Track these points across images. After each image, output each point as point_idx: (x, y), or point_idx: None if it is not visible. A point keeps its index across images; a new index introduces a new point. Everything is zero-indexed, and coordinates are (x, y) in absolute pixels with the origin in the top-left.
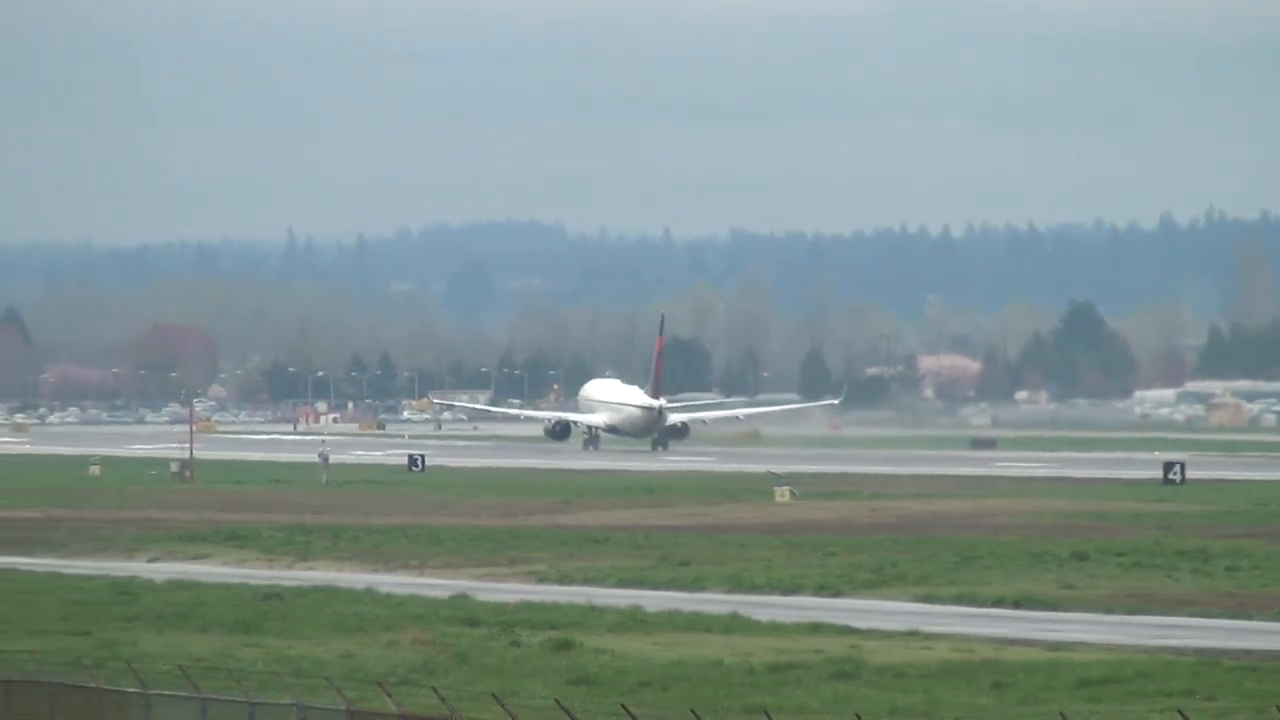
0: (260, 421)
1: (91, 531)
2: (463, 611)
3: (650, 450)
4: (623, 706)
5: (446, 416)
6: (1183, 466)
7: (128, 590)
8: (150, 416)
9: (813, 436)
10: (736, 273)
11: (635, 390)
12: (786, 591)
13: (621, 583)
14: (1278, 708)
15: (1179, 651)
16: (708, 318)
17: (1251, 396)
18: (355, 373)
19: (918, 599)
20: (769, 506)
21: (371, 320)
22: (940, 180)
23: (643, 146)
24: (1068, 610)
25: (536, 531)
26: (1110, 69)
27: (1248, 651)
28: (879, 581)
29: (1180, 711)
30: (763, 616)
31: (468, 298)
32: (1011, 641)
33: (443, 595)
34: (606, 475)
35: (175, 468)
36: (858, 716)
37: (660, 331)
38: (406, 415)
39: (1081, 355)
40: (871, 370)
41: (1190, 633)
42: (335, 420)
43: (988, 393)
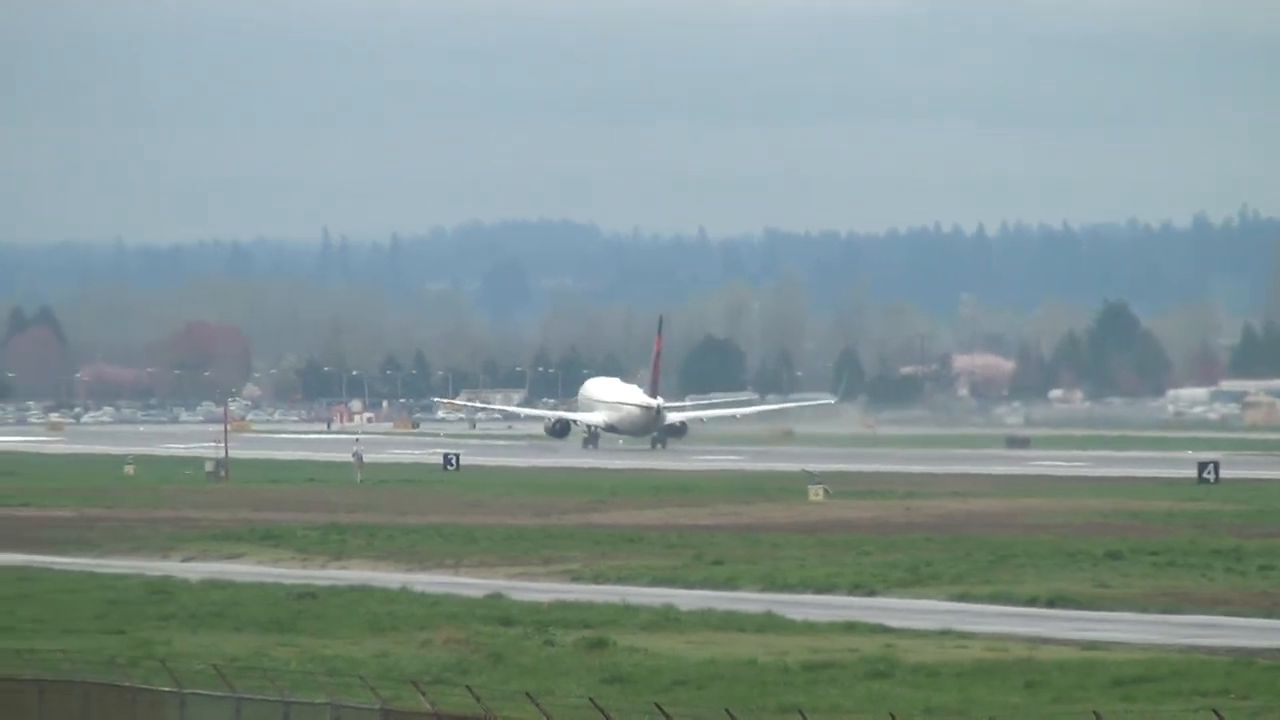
0: (294, 421)
1: (126, 531)
2: (497, 611)
3: (649, 449)
4: (657, 706)
5: (480, 416)
6: (1216, 465)
7: (162, 590)
8: (185, 416)
9: (846, 436)
10: (771, 272)
11: (634, 389)
12: (821, 590)
13: (655, 582)
14: None
15: (1213, 651)
16: (742, 317)
17: None
18: (389, 372)
19: (952, 598)
20: (803, 505)
21: (405, 319)
22: (974, 179)
23: (677, 146)
24: (1102, 609)
25: (570, 530)
26: (1145, 69)
27: None
28: (913, 580)
29: (1215, 711)
30: (797, 615)
31: (502, 297)
32: (1046, 640)
33: (477, 594)
34: (640, 474)
35: (210, 467)
36: (892, 716)
37: (659, 332)
38: (441, 414)
39: (1115, 354)
40: (906, 369)
41: (1224, 632)
42: (370, 419)
43: (1022, 392)
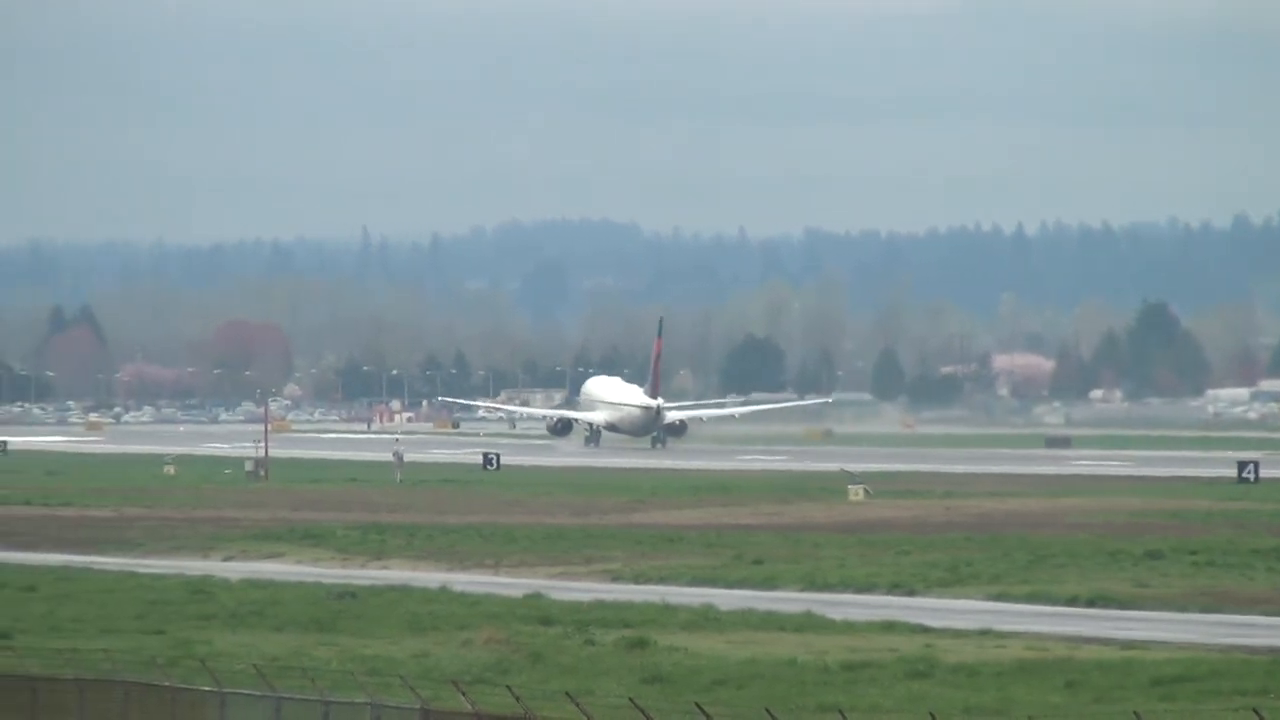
0: (335, 420)
1: (166, 530)
2: (537, 610)
3: (650, 448)
4: (697, 705)
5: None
6: (1256, 465)
7: (202, 589)
8: (225, 415)
9: (886, 435)
10: (811, 271)
11: (635, 389)
12: (860, 590)
13: (695, 581)
14: None
15: (1253, 650)
16: (782, 316)
17: None
18: (430, 371)
19: (991, 598)
20: (843, 505)
21: (446, 319)
22: (1014, 178)
23: (717, 146)
24: (1141, 609)
25: (610, 530)
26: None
27: None
28: (953, 580)
29: (1255, 710)
30: (836, 615)
31: (542, 296)
32: (1085, 640)
33: (517, 594)
34: (679, 474)
35: (250, 466)
36: (931, 715)
37: (659, 334)
38: (481, 413)
39: (1155, 354)
40: (946, 369)
41: (1264, 632)
42: (410, 419)
43: (1061, 391)
